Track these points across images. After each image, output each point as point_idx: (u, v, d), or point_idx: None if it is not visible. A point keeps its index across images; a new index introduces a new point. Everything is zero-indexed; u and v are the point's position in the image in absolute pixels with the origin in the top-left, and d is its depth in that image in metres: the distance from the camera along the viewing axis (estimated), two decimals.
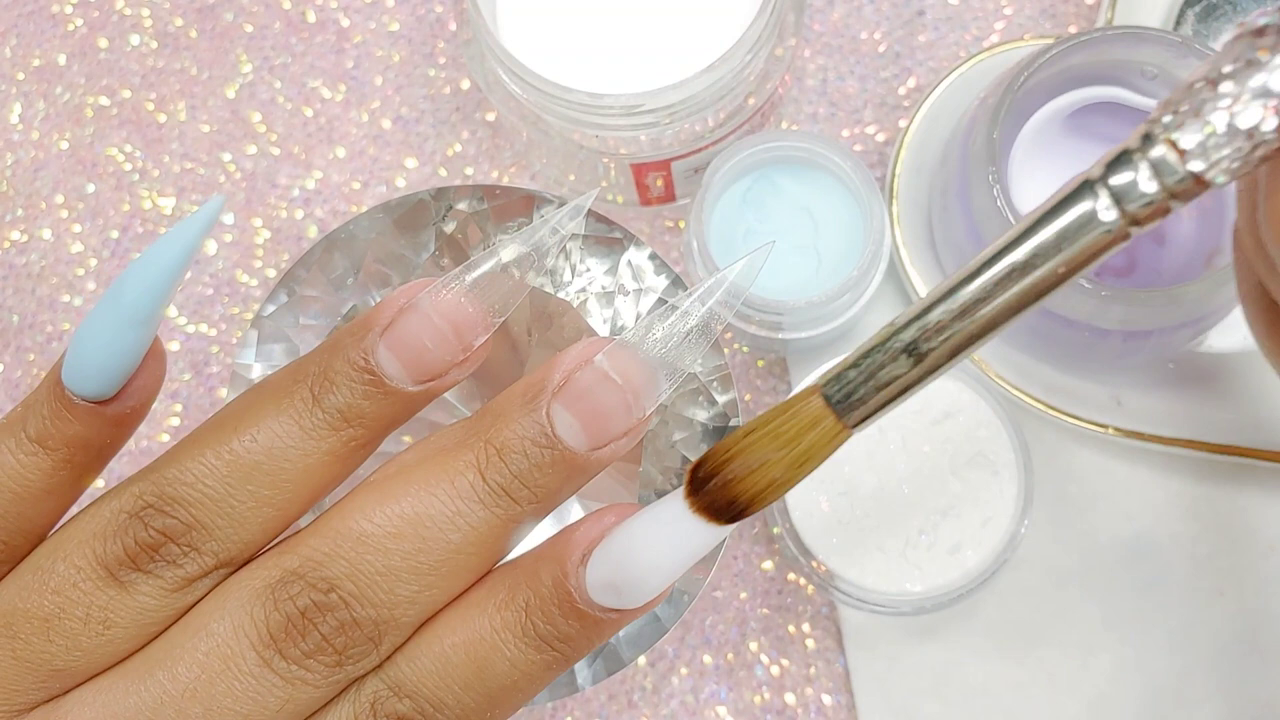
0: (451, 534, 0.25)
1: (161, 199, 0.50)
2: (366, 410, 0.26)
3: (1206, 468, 0.45)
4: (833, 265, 0.43)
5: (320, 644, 0.25)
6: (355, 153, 0.50)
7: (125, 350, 0.25)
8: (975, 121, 0.42)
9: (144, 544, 0.25)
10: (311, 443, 0.25)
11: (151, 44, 0.51)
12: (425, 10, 0.51)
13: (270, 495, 0.25)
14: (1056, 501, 0.45)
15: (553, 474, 0.25)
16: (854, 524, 0.42)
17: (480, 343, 0.26)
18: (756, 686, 0.46)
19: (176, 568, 0.25)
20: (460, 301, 0.26)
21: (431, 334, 0.26)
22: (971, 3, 0.50)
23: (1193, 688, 0.45)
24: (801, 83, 0.50)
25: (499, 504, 0.25)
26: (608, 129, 0.42)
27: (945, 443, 0.43)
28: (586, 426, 0.25)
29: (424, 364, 0.26)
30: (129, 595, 0.25)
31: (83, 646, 0.25)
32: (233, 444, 0.25)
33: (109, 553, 0.25)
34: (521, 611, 0.26)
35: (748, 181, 0.44)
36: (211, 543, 0.25)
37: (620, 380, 0.26)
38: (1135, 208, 0.23)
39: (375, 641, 0.25)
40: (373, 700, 0.25)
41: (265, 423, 0.25)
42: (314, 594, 0.25)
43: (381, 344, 0.26)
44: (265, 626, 0.25)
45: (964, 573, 0.42)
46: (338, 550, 0.25)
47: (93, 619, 0.25)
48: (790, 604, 0.46)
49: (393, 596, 0.25)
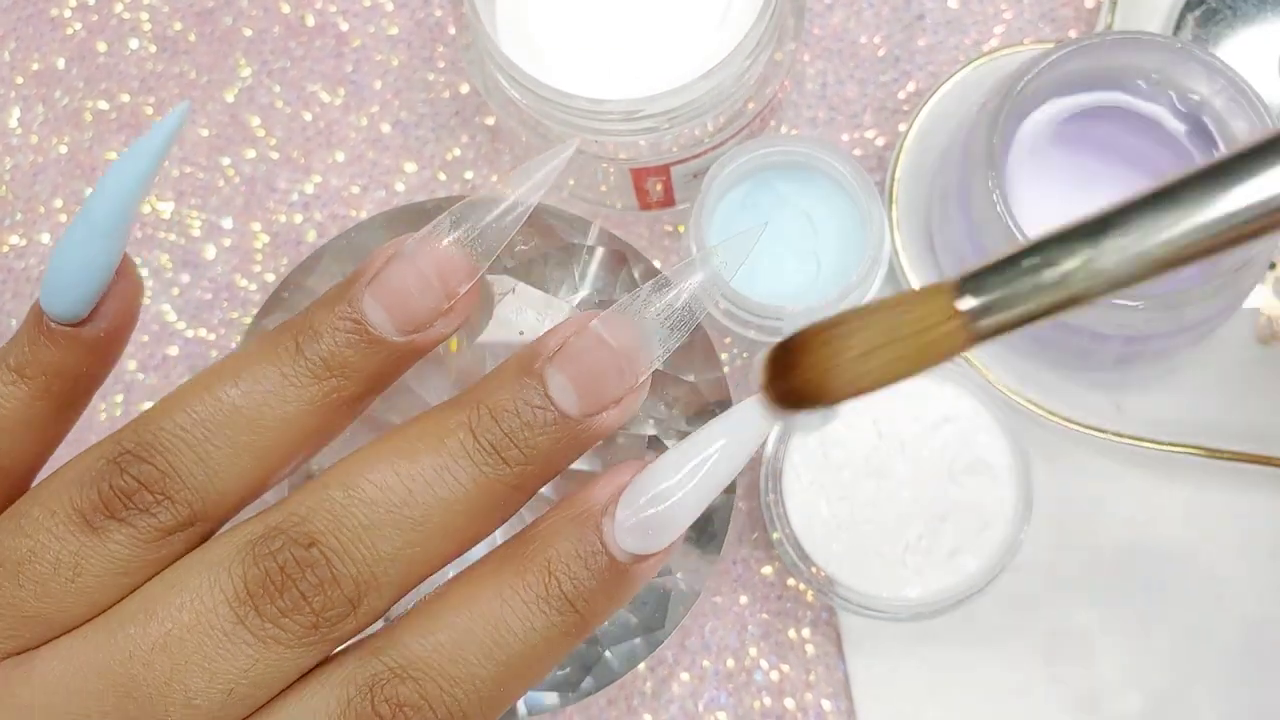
0: (439, 489, 0.25)
1: (160, 203, 0.49)
2: (350, 360, 0.25)
3: (1206, 473, 0.45)
4: (832, 270, 0.43)
5: (297, 601, 0.24)
6: (354, 157, 0.50)
7: (93, 263, 0.25)
8: (975, 126, 0.42)
9: (119, 490, 0.25)
10: (291, 390, 0.25)
11: (150, 48, 0.51)
12: (425, 14, 0.51)
13: (247, 442, 0.25)
14: (1056, 507, 0.45)
15: (544, 436, 0.25)
16: (853, 529, 0.42)
17: (465, 290, 0.26)
18: (756, 692, 0.46)
19: (150, 516, 0.25)
20: (444, 247, 0.26)
21: (416, 280, 0.25)
22: (971, 7, 0.50)
23: (1193, 693, 0.44)
24: (801, 87, 0.49)
25: (488, 462, 0.25)
26: (607, 134, 0.42)
27: (944, 448, 0.43)
28: (579, 388, 0.25)
29: (409, 311, 0.25)
30: (100, 542, 0.25)
31: (53, 593, 0.25)
32: (214, 391, 0.25)
33: (85, 499, 0.25)
34: (544, 571, 0.25)
35: (747, 186, 0.44)
36: (186, 491, 0.25)
37: (614, 343, 0.25)
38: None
39: (354, 603, 0.25)
40: (371, 683, 0.24)
41: (248, 370, 0.25)
42: (295, 549, 0.24)
43: (367, 292, 0.25)
44: (243, 582, 0.24)
45: (963, 578, 0.42)
46: (322, 505, 0.25)
47: (63, 564, 0.24)
48: (790, 609, 0.46)
49: (374, 553, 0.25)
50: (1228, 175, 0.20)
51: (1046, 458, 0.45)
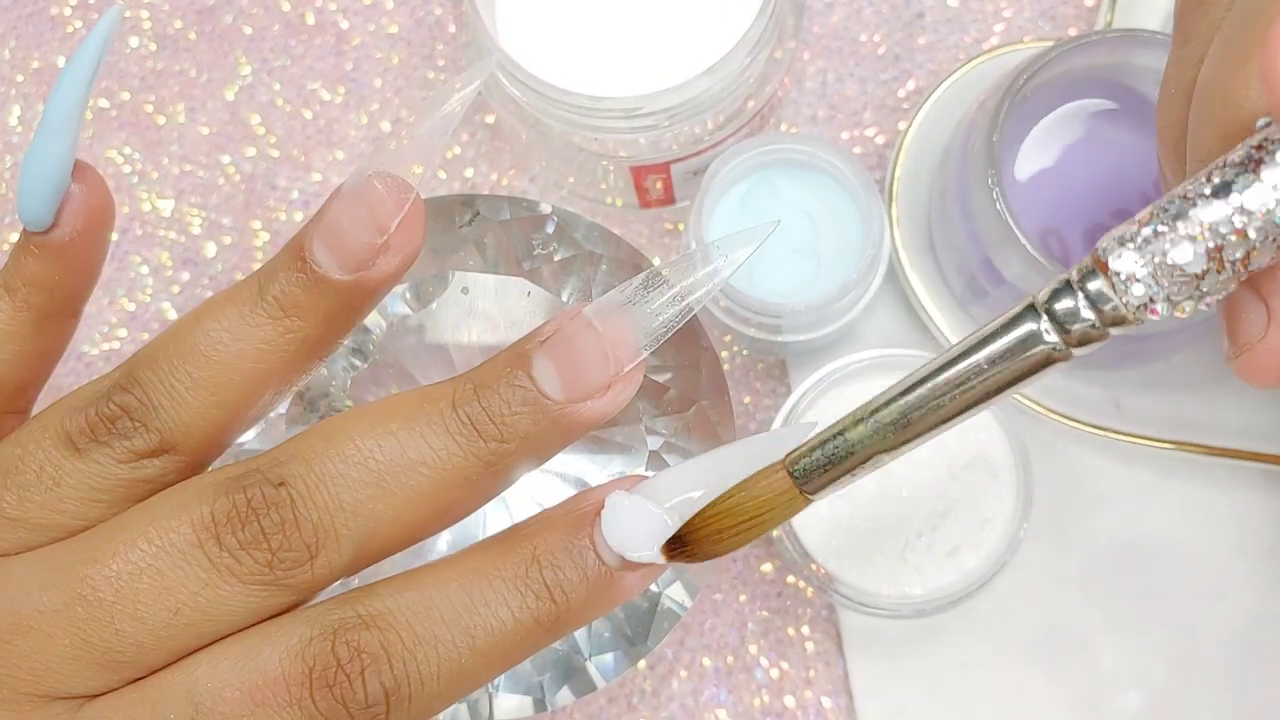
0: (409, 451, 0.25)
1: (160, 201, 0.50)
2: (300, 300, 0.26)
3: (1206, 471, 0.45)
4: (832, 268, 0.43)
5: (257, 536, 0.25)
6: (354, 155, 0.50)
7: (48, 162, 0.27)
8: (974, 124, 0.42)
9: (104, 416, 0.26)
10: (246, 328, 0.26)
11: (151, 46, 0.51)
12: (424, 13, 0.51)
13: (204, 377, 0.26)
14: (1055, 504, 0.45)
15: (522, 415, 0.26)
16: (853, 527, 0.42)
17: (395, 223, 0.26)
18: (756, 689, 0.46)
19: (125, 440, 0.26)
20: (370, 182, 0.26)
21: (349, 217, 0.26)
22: (971, 5, 0.50)
23: (1192, 691, 0.45)
24: (801, 85, 0.50)
25: (463, 433, 0.26)
26: (607, 131, 0.42)
27: (944, 445, 0.43)
28: (563, 372, 0.26)
29: (346, 249, 0.26)
30: (80, 460, 0.26)
31: (33, 500, 0.26)
32: (190, 329, 0.27)
33: (74, 423, 0.26)
34: (528, 556, 0.26)
35: (747, 184, 0.44)
36: (157, 420, 0.26)
37: (602, 330, 0.26)
38: (1077, 329, 0.25)
39: (311, 550, 0.25)
40: (336, 626, 0.25)
41: (215, 311, 0.27)
42: (265, 487, 0.25)
43: (315, 233, 0.26)
44: (210, 512, 0.25)
45: (963, 575, 0.42)
46: (300, 452, 0.26)
47: (45, 474, 0.26)
48: (790, 607, 0.46)
49: (337, 501, 0.25)
50: (951, 361, 0.25)
51: (1046, 455, 0.45)
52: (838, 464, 0.26)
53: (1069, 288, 0.25)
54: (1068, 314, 0.24)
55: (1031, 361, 0.25)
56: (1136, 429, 0.44)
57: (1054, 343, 0.25)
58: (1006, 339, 0.25)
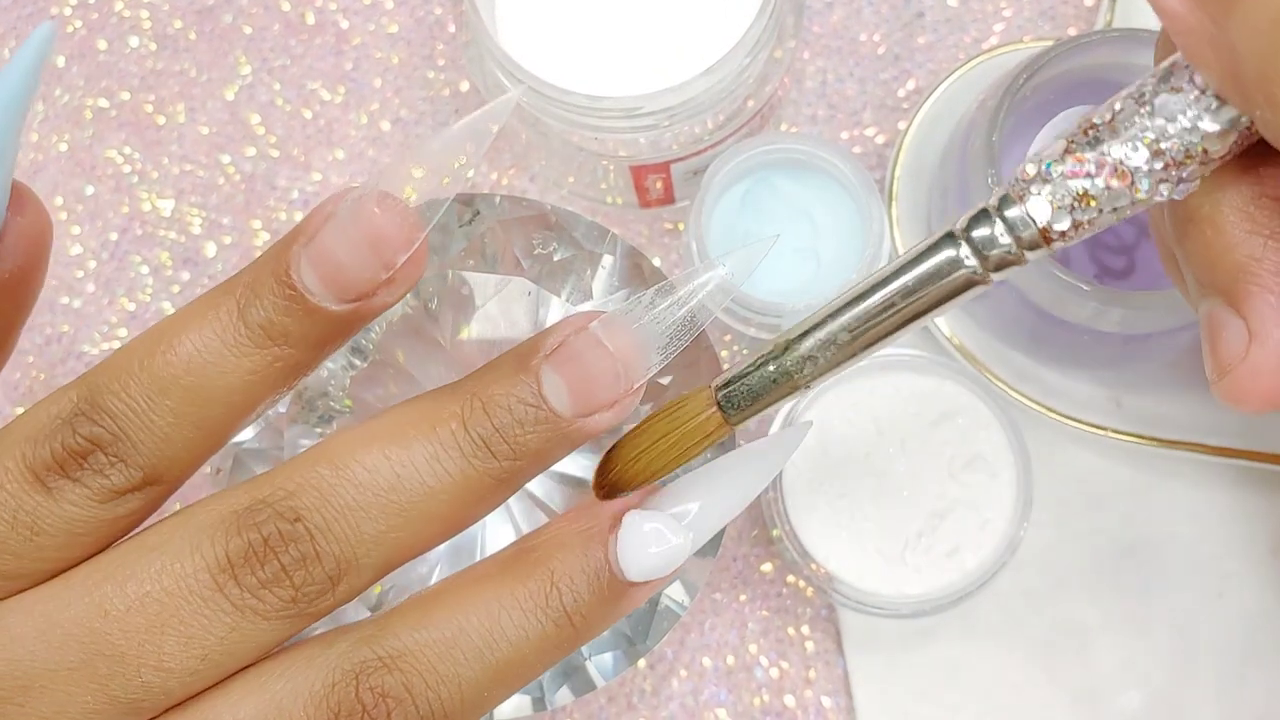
0: (427, 478, 0.25)
1: (160, 201, 0.50)
2: (290, 329, 0.25)
3: (1206, 470, 0.45)
4: (832, 268, 0.43)
5: (278, 574, 0.24)
6: (354, 155, 0.50)
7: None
8: (974, 124, 0.42)
9: (71, 450, 0.24)
10: (232, 359, 0.25)
11: (150, 46, 0.51)
12: (424, 12, 0.51)
13: (189, 413, 0.25)
14: (1055, 504, 0.45)
15: (535, 434, 0.25)
16: (853, 526, 0.42)
17: (403, 260, 0.25)
18: (756, 689, 0.46)
19: (103, 478, 0.24)
20: (374, 213, 0.24)
21: (349, 250, 0.24)
22: (970, 5, 0.50)
23: (1192, 691, 0.44)
24: (800, 85, 0.50)
25: (477, 455, 0.25)
26: (607, 131, 0.42)
27: (944, 445, 0.43)
28: (573, 390, 0.25)
29: (344, 282, 0.24)
30: (56, 503, 0.24)
31: (12, 550, 0.24)
32: (155, 356, 0.25)
33: (37, 457, 0.24)
34: (546, 581, 0.25)
35: (747, 184, 0.44)
36: (137, 456, 0.25)
37: (611, 349, 0.26)
38: (994, 254, 0.26)
39: (334, 580, 0.25)
40: (358, 669, 0.24)
41: (190, 334, 0.25)
42: (280, 523, 0.24)
43: (304, 256, 0.24)
44: (225, 551, 0.24)
45: (963, 575, 0.42)
46: (309, 482, 0.25)
47: (20, 523, 0.24)
48: (790, 606, 0.46)
49: (357, 533, 0.25)
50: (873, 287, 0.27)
51: (1046, 455, 0.45)
52: (766, 394, 0.27)
53: (986, 214, 0.26)
54: (985, 240, 0.26)
55: (952, 285, 0.26)
56: (1137, 428, 0.44)
57: (973, 267, 0.26)
58: (927, 264, 0.26)
